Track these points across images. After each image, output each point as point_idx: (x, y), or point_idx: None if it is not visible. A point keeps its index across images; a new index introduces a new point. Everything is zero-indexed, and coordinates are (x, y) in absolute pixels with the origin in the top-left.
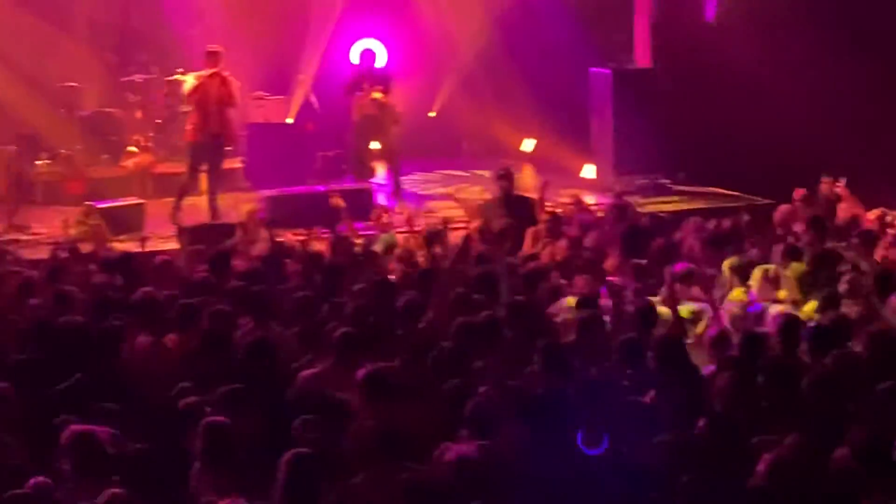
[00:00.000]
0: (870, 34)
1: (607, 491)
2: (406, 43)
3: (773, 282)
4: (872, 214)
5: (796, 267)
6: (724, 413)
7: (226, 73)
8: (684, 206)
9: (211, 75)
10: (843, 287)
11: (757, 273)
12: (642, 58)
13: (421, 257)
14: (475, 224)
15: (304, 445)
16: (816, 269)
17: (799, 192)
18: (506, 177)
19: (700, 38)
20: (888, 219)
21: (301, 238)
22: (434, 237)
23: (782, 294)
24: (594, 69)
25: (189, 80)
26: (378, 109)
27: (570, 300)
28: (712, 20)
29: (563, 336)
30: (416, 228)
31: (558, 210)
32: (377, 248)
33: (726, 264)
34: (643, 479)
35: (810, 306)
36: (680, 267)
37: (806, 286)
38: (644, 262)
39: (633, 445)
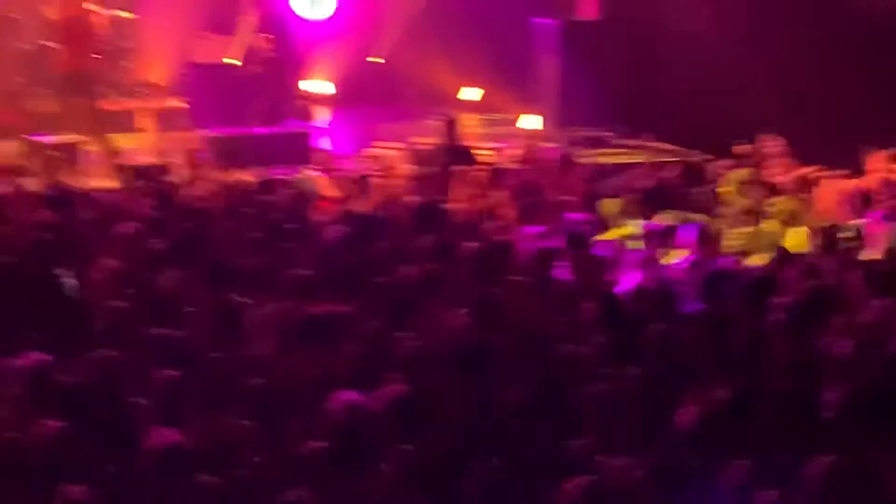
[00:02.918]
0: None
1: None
2: None
3: (708, 237)
4: (804, 172)
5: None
6: (657, 364)
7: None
8: (625, 160)
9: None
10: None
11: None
12: (588, 10)
13: (352, 202)
14: (408, 171)
15: None
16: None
17: (738, 149)
18: (450, 125)
19: None
20: (816, 176)
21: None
22: (362, 183)
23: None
24: (538, 20)
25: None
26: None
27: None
28: None
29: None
30: (347, 173)
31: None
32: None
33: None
34: (572, 427)
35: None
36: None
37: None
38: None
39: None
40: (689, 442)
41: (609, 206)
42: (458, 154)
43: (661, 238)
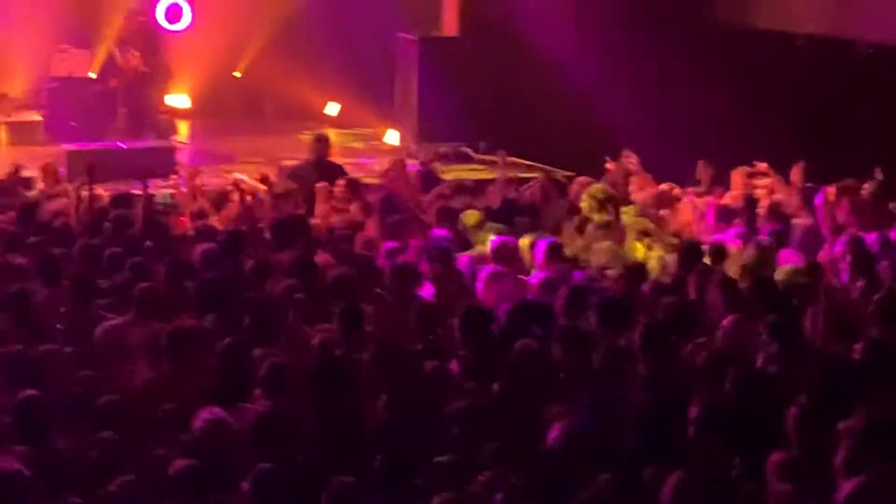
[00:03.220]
0: (672, 19)
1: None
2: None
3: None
4: (663, 188)
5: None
6: (519, 380)
7: None
8: (486, 175)
9: None
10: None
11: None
12: (450, 26)
13: (213, 217)
14: (271, 187)
15: None
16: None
17: (608, 165)
18: (321, 141)
19: (509, 8)
20: (675, 192)
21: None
22: (223, 198)
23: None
24: (400, 34)
25: None
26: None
27: None
28: None
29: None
30: (206, 188)
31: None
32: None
33: (523, 242)
34: (434, 445)
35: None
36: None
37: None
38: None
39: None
40: (555, 459)
41: (468, 219)
42: (328, 170)
43: (511, 253)
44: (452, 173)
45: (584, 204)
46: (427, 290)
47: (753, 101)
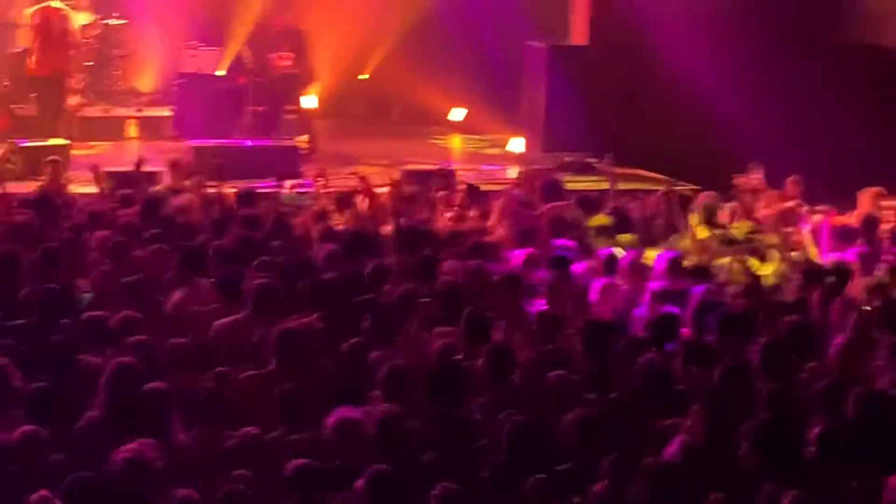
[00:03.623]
0: (803, 36)
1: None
2: (342, 2)
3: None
4: (788, 205)
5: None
6: (639, 392)
7: (65, 9)
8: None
9: (53, 8)
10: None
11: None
12: (579, 35)
13: (337, 218)
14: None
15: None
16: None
17: (737, 180)
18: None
19: (639, 19)
20: (801, 210)
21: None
22: (346, 199)
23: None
24: (529, 43)
25: (27, 12)
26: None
27: None
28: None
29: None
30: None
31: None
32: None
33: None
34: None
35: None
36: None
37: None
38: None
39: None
40: (671, 473)
41: (589, 229)
42: (446, 177)
43: (627, 265)
44: (577, 183)
45: (696, 217)
46: (541, 301)
47: (883, 119)
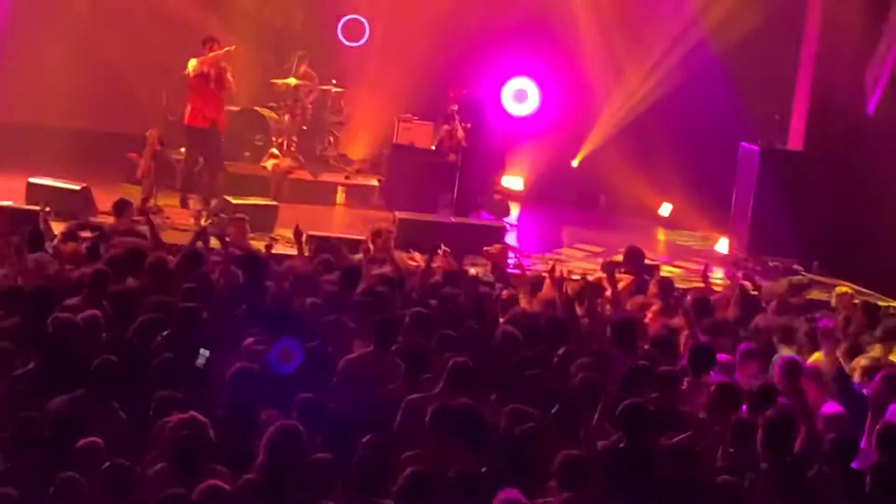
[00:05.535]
0: None
1: None
2: (560, 87)
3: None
4: None
5: None
6: None
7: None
8: (812, 297)
9: (211, 60)
10: None
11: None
12: (795, 140)
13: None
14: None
15: None
16: None
17: None
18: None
19: (857, 129)
20: None
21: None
22: (538, 283)
23: None
24: (744, 144)
25: (192, 64)
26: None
27: None
28: (872, 114)
29: None
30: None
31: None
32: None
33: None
34: None
35: None
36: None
37: None
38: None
39: None
40: None
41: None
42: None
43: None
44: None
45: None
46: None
47: None
